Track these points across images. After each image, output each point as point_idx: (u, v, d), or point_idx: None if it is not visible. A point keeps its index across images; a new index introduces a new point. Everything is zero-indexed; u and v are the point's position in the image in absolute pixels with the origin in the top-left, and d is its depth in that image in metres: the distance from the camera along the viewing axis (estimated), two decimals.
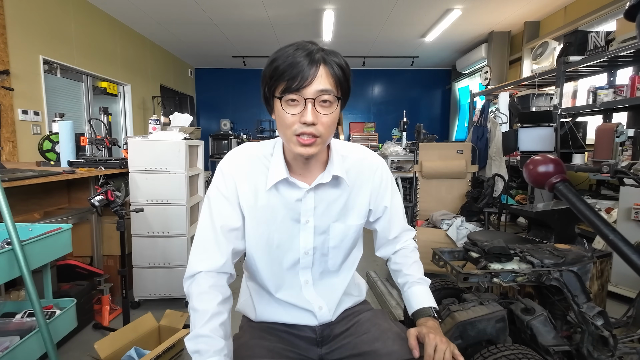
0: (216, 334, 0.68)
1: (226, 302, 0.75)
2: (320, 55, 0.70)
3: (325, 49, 0.73)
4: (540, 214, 1.69)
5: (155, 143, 2.09)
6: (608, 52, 2.82)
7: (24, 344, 1.16)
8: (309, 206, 0.80)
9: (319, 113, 0.71)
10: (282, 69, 0.69)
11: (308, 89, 0.69)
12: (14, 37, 3.13)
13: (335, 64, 0.71)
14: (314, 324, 0.86)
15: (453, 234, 2.21)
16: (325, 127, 0.72)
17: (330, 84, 0.70)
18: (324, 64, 0.70)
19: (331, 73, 0.71)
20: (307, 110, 0.69)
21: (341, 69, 0.72)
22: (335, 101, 0.73)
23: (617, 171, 1.36)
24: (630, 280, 2.13)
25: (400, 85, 7.78)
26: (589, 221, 0.75)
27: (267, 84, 0.73)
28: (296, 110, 0.70)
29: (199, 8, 4.39)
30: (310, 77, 0.68)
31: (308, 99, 0.69)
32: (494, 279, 1.07)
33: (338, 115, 0.75)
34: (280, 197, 0.79)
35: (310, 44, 0.72)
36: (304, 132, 0.70)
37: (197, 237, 0.79)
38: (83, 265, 2.10)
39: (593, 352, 1.01)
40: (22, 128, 3.23)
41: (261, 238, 0.81)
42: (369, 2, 4.23)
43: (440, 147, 2.69)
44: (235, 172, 0.80)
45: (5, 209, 1.17)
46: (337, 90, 0.72)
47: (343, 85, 0.74)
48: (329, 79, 0.70)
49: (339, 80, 0.72)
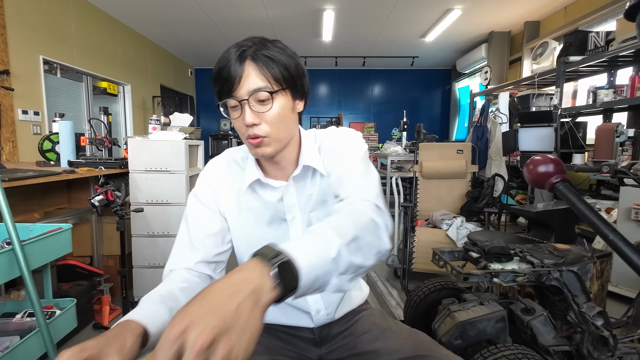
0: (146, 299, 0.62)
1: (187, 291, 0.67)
2: (251, 51, 0.65)
3: (264, 42, 0.67)
4: (540, 214, 1.69)
5: (155, 143, 2.09)
6: (608, 52, 2.82)
7: (24, 344, 1.17)
8: (291, 202, 0.78)
9: (259, 112, 0.67)
10: (215, 72, 0.67)
11: (239, 91, 0.65)
12: (14, 37, 3.13)
13: (265, 58, 0.66)
14: (311, 326, 0.85)
15: (453, 234, 2.21)
16: (271, 124, 0.68)
17: (263, 80, 0.66)
18: (251, 61, 0.65)
19: (262, 68, 0.65)
20: (244, 112, 0.66)
21: (274, 60, 0.66)
22: (276, 95, 0.67)
23: (617, 171, 1.36)
24: (630, 280, 2.12)
25: (400, 85, 7.78)
26: (589, 221, 0.75)
27: (214, 91, 0.70)
28: (237, 113, 0.68)
29: (199, 8, 4.39)
30: (237, 77, 0.65)
31: (242, 100, 0.66)
32: (494, 279, 1.07)
33: (289, 109, 0.71)
34: (260, 199, 0.78)
35: (248, 40, 0.67)
36: (249, 135, 0.68)
37: (174, 245, 0.77)
38: (83, 265, 2.10)
39: (593, 352, 1.01)
40: (22, 128, 3.23)
41: (250, 241, 0.79)
42: (369, 2, 4.23)
43: (440, 147, 2.69)
44: (213, 178, 0.80)
45: (5, 209, 1.17)
46: (276, 84, 0.67)
47: (284, 77, 0.67)
48: (259, 75, 0.65)
49: (275, 73, 0.66)
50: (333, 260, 0.50)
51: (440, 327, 1.16)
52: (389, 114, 7.72)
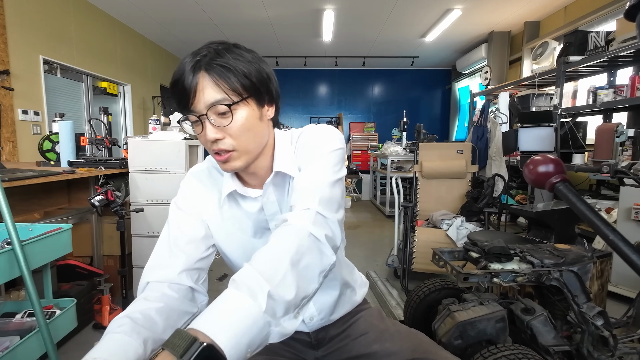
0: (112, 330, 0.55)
1: (164, 312, 0.62)
2: (205, 61, 0.60)
3: (221, 49, 0.62)
4: (540, 214, 1.69)
5: (155, 143, 2.09)
6: (608, 52, 2.82)
7: (24, 344, 1.17)
8: (273, 210, 0.74)
9: (221, 126, 0.62)
10: (171, 84, 0.62)
11: (197, 105, 0.60)
12: (14, 37, 3.13)
13: (220, 68, 0.60)
14: (306, 330, 0.83)
15: (453, 234, 2.21)
16: (235, 137, 0.63)
17: (220, 92, 0.60)
18: (204, 72, 0.60)
19: (215, 80, 0.60)
20: (205, 128, 0.61)
21: (229, 70, 0.60)
22: (236, 107, 0.62)
23: (617, 171, 1.36)
24: (630, 280, 2.12)
25: (400, 85, 7.78)
26: (588, 221, 0.75)
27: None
28: (200, 128, 0.63)
29: (199, 8, 4.39)
30: (192, 90, 0.59)
31: (202, 116, 0.61)
32: (494, 279, 1.07)
33: (253, 118, 0.65)
34: (241, 209, 0.75)
35: (204, 48, 0.62)
36: (215, 152, 0.64)
37: (151, 255, 0.73)
38: (83, 265, 2.10)
39: (593, 352, 1.01)
40: (22, 128, 3.23)
41: (237, 247, 0.77)
42: (369, 2, 4.23)
43: (440, 147, 2.69)
44: (195, 185, 0.77)
45: (5, 209, 1.17)
46: (234, 94, 0.61)
47: (245, 84, 0.62)
48: (215, 87, 0.60)
49: (231, 83, 0.61)
50: (265, 312, 0.45)
51: (440, 327, 1.16)
52: (389, 114, 7.72)
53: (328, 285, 0.82)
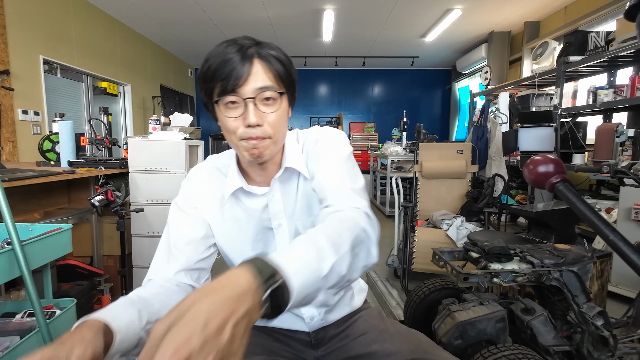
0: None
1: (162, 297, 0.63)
2: (254, 49, 0.63)
3: (261, 42, 0.66)
4: (540, 214, 1.69)
5: (155, 143, 2.09)
6: (608, 52, 2.82)
7: (24, 344, 1.16)
8: (277, 208, 0.74)
9: (264, 112, 0.64)
10: (213, 68, 0.63)
11: (245, 88, 0.62)
12: (14, 37, 3.13)
13: (272, 57, 0.64)
14: (306, 329, 0.84)
15: (453, 234, 2.22)
16: (273, 126, 0.66)
17: (270, 79, 0.64)
18: (259, 59, 0.63)
19: (269, 67, 0.64)
20: (248, 111, 0.63)
21: (280, 61, 0.65)
22: (280, 97, 0.66)
23: (617, 171, 1.36)
24: (630, 280, 2.12)
25: (400, 85, 7.78)
26: (589, 221, 0.75)
27: (202, 88, 0.66)
28: (237, 112, 0.64)
29: (199, 8, 4.39)
30: (244, 74, 0.62)
31: (248, 99, 0.62)
32: (494, 279, 1.07)
33: (286, 112, 0.69)
34: (244, 207, 0.75)
35: (243, 39, 0.65)
36: (250, 137, 0.64)
37: (154, 256, 0.73)
38: (83, 265, 2.10)
39: (593, 352, 1.01)
40: (22, 128, 3.23)
41: (235, 248, 0.77)
42: (369, 2, 4.23)
43: (440, 147, 2.69)
44: (195, 185, 0.77)
45: (5, 209, 1.17)
46: (279, 84, 0.65)
47: (285, 79, 0.66)
48: (267, 74, 0.64)
49: (280, 74, 0.65)
50: (324, 277, 0.47)
51: (440, 327, 1.16)
52: (389, 114, 7.73)
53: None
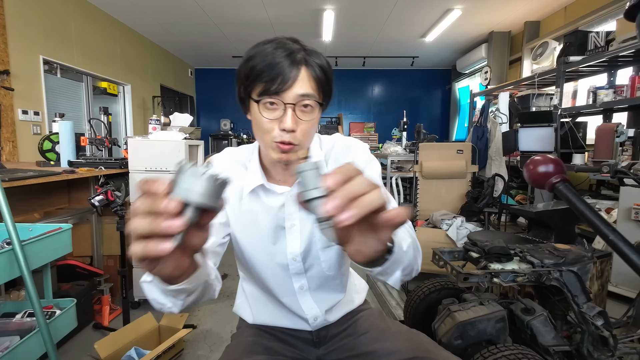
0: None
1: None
2: (302, 55, 0.64)
3: (307, 49, 0.67)
4: (540, 214, 1.69)
5: (155, 143, 2.09)
6: (608, 52, 2.82)
7: (24, 344, 1.17)
8: (293, 209, 0.75)
9: (299, 119, 0.65)
10: (259, 68, 0.63)
11: (288, 93, 0.63)
12: (14, 37, 3.13)
13: (317, 66, 0.65)
14: (309, 329, 0.84)
15: (453, 234, 2.21)
16: (304, 134, 0.67)
17: (312, 87, 0.65)
18: (305, 66, 0.64)
19: (313, 76, 0.65)
20: (286, 116, 0.63)
21: (323, 71, 0.66)
22: (317, 107, 0.67)
23: (617, 171, 1.36)
24: (630, 280, 2.12)
25: (400, 85, 7.78)
26: (589, 221, 0.75)
27: (242, 84, 0.67)
28: (274, 114, 0.65)
29: (199, 8, 4.39)
30: (291, 79, 0.62)
31: (288, 104, 0.63)
32: (494, 279, 1.07)
33: (317, 122, 0.70)
34: (261, 203, 0.76)
35: (292, 42, 0.65)
36: (282, 141, 0.65)
37: None
38: (83, 265, 2.10)
39: (593, 352, 1.01)
40: (22, 128, 3.23)
41: (248, 241, 0.78)
42: (369, 2, 4.23)
43: (440, 147, 2.69)
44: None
45: (5, 209, 1.17)
46: (319, 94, 0.67)
47: (325, 89, 0.68)
48: (310, 82, 0.65)
49: (321, 83, 0.66)
50: (404, 252, 0.54)
51: (440, 327, 1.16)
52: (389, 114, 7.72)
53: (334, 286, 0.84)
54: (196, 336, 1.91)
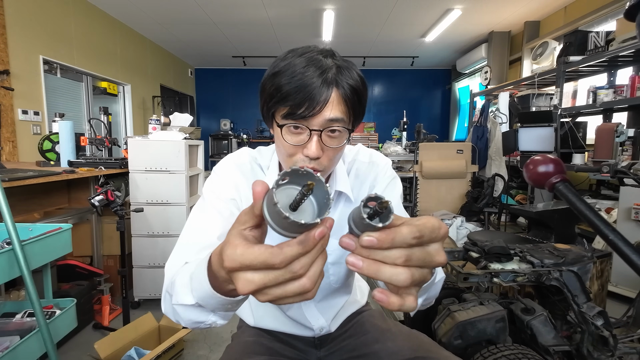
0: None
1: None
2: (334, 74, 0.57)
3: (340, 63, 0.59)
4: (540, 214, 1.69)
5: (155, 143, 2.09)
6: (608, 52, 2.82)
7: (24, 344, 1.16)
8: None
9: (326, 146, 0.59)
10: (286, 90, 0.56)
11: (316, 119, 0.57)
12: (14, 37, 3.13)
13: (348, 86, 0.58)
14: (312, 335, 0.84)
15: (453, 234, 2.21)
16: (330, 160, 0.61)
17: (342, 111, 0.58)
18: (336, 87, 0.57)
19: (343, 98, 0.58)
20: (311, 143, 0.58)
21: (355, 91, 0.59)
22: (346, 132, 0.60)
23: (617, 171, 1.36)
24: (630, 280, 2.12)
25: (400, 85, 7.78)
26: (589, 221, 0.75)
27: (266, 103, 0.61)
28: (298, 139, 0.59)
29: (199, 8, 4.39)
30: (319, 104, 0.56)
31: (314, 130, 0.57)
32: (494, 279, 1.07)
33: (345, 146, 0.64)
34: None
35: (324, 57, 0.58)
36: (304, 166, 0.62)
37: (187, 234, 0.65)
38: (83, 265, 2.10)
39: (593, 352, 1.01)
40: (22, 128, 3.23)
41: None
42: (369, 2, 4.23)
43: (440, 147, 2.69)
44: (236, 176, 0.73)
45: (5, 209, 1.17)
46: (349, 117, 0.60)
47: (357, 111, 0.61)
48: (340, 105, 0.58)
49: (353, 105, 0.59)
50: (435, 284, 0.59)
51: (440, 327, 1.16)
52: (389, 114, 7.72)
53: (339, 293, 0.84)
54: (196, 336, 1.91)
